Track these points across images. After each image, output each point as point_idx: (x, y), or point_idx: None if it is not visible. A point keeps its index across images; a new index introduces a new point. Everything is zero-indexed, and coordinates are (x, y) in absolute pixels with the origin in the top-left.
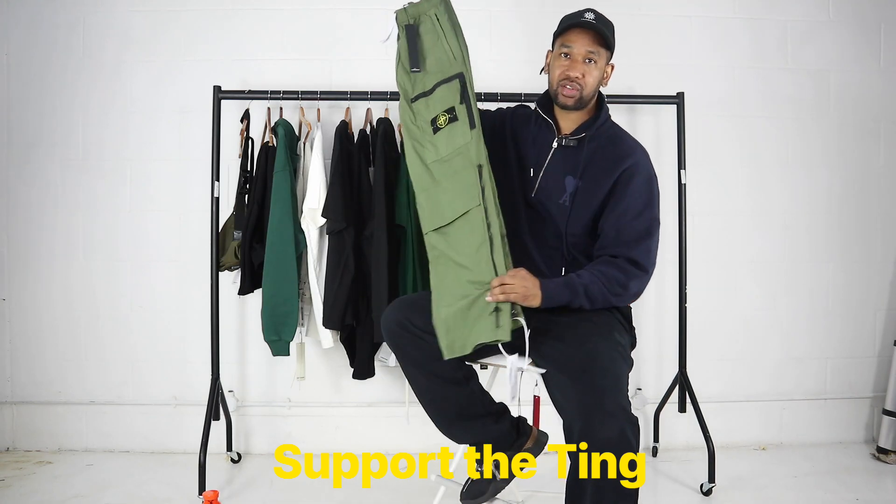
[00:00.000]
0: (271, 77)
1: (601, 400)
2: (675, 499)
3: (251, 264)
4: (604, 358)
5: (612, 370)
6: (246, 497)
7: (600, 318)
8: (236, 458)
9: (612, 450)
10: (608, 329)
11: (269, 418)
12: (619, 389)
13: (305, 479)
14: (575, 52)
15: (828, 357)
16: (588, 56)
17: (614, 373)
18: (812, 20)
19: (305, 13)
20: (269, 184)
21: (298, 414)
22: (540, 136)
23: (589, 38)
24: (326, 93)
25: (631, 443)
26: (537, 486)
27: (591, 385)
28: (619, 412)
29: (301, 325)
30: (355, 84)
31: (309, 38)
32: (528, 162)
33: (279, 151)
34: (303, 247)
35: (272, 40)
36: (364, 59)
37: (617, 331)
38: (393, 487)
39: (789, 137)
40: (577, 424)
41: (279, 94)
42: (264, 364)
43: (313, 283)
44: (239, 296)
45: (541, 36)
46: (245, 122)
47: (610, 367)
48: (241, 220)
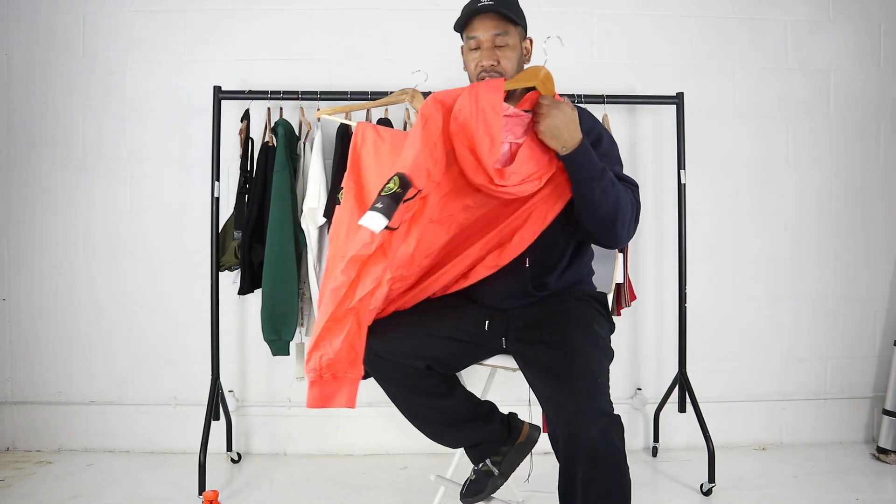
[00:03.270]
0: (271, 77)
1: (581, 405)
2: (676, 499)
3: (251, 264)
4: (583, 358)
5: (592, 370)
6: (246, 497)
7: (579, 311)
8: (236, 458)
9: (597, 454)
10: (587, 322)
11: (270, 418)
12: (599, 391)
13: (305, 480)
14: (482, 39)
15: (828, 357)
16: (496, 40)
17: (594, 373)
18: (813, 20)
19: (306, 14)
20: (269, 184)
21: (298, 414)
22: None
23: (491, 21)
24: (326, 93)
25: (615, 444)
26: (537, 487)
27: (571, 391)
28: (600, 415)
29: (301, 325)
30: (355, 84)
31: (309, 39)
32: None
33: (279, 151)
34: (303, 246)
35: (272, 41)
36: (364, 59)
37: (596, 322)
38: (393, 488)
39: (789, 137)
40: (561, 431)
41: (279, 95)
42: (264, 364)
43: (313, 283)
44: (239, 296)
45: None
46: (245, 122)
47: (589, 368)
48: (241, 219)
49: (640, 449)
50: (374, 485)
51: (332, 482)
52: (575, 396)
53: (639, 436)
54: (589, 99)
